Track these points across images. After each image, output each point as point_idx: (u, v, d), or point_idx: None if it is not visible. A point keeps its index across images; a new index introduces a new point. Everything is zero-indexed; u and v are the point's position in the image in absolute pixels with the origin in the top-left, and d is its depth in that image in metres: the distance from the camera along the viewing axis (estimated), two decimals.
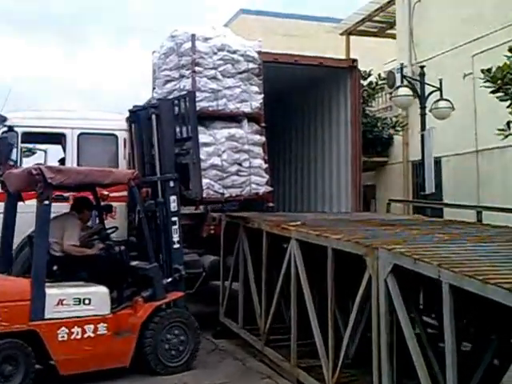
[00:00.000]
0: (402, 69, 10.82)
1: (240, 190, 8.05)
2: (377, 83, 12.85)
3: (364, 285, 4.75)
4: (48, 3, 53.33)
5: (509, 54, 6.71)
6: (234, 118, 8.15)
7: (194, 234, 8.73)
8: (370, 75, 12.68)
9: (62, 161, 8.67)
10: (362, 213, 8.95)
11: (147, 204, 7.36)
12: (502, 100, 6.50)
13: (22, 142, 8.43)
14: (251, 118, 8.23)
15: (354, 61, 9.51)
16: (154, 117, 7.50)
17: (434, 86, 10.50)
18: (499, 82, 6.38)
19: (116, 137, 8.72)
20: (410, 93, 10.41)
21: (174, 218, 7.30)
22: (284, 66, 8.94)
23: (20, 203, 7.15)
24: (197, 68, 7.83)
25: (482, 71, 6.71)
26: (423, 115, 10.46)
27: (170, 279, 7.05)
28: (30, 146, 9.64)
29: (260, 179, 8.20)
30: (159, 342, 6.72)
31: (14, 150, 8.20)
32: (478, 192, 10.99)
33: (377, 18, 15.23)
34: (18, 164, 8.20)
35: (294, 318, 6.11)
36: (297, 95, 10.43)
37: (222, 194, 7.92)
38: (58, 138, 8.68)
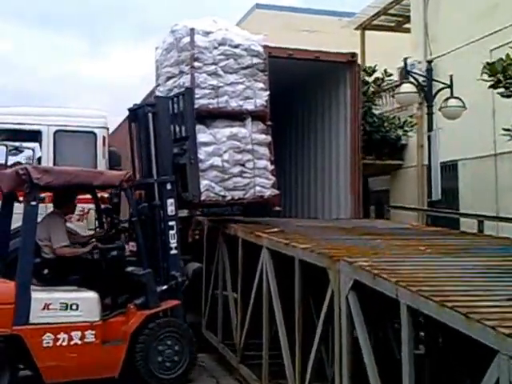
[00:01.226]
0: (405, 63, 10.31)
1: (243, 192, 7.73)
2: (383, 79, 12.33)
3: (327, 301, 4.38)
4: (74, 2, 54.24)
5: None
6: (237, 117, 7.84)
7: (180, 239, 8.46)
8: (375, 71, 12.20)
9: (39, 160, 8.54)
10: (359, 220, 8.56)
11: (140, 207, 7.15)
12: (503, 96, 6.03)
13: None
14: (256, 116, 7.90)
15: (354, 55, 9.15)
16: (150, 115, 7.30)
17: (444, 83, 10.00)
18: (499, 75, 5.89)
19: (95, 134, 8.51)
20: (414, 90, 9.90)
21: (172, 223, 7.11)
22: (278, 60, 8.56)
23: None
24: (196, 63, 7.55)
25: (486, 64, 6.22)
26: (430, 114, 10.01)
27: (165, 286, 6.83)
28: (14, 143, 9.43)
29: (265, 181, 7.85)
30: (151, 353, 6.51)
31: None
32: (496, 199, 10.44)
33: (392, 12, 14.74)
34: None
35: (266, 334, 5.78)
36: (294, 92, 10.11)
37: (224, 196, 7.61)
38: (34, 136, 8.50)
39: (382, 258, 4.30)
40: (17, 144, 8.80)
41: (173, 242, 7.07)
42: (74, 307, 6.30)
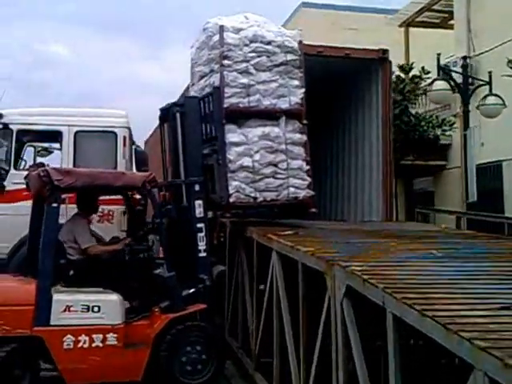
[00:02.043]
0: (438, 59, 9.87)
1: (276, 193, 7.48)
2: (420, 77, 11.88)
3: (325, 308, 4.19)
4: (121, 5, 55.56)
5: None
6: (270, 116, 7.61)
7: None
8: (411, 68, 11.78)
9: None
10: (389, 222, 8.24)
11: (165, 209, 7.13)
12: None
13: (17, 141, 8.33)
14: (290, 114, 7.64)
15: (385, 51, 8.80)
16: (178, 115, 7.24)
17: (482, 81, 9.54)
18: None
19: (115, 134, 8.42)
20: (447, 87, 9.45)
21: (200, 225, 7.00)
22: (309, 58, 8.23)
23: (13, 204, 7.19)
24: (225, 61, 7.38)
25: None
26: (466, 112, 9.55)
27: (192, 290, 6.74)
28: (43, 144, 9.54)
29: (300, 182, 7.58)
30: (175, 357, 6.40)
31: (5, 149, 8.13)
32: None
33: (437, 8, 14.25)
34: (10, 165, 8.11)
35: (277, 340, 5.58)
36: (326, 90, 9.81)
37: (255, 198, 7.39)
38: (54, 136, 8.52)
39: (380, 263, 4.09)
40: (45, 145, 8.84)
41: (201, 245, 6.96)
42: (96, 309, 6.28)
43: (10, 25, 56.51)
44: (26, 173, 8.01)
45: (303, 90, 7.67)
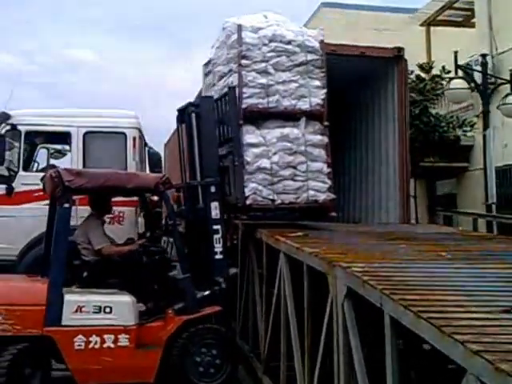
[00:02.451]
0: (456, 57, 9.64)
1: (295, 196, 7.34)
2: (440, 76, 11.64)
3: (328, 310, 4.10)
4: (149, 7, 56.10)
5: None
6: (290, 117, 7.46)
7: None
8: (431, 67, 11.54)
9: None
10: (405, 224, 8.08)
11: (178, 210, 7.09)
12: None
13: (26, 142, 8.29)
14: (311, 116, 7.48)
15: (400, 50, 8.63)
16: (193, 115, 7.20)
17: (503, 79, 9.31)
18: None
19: (125, 135, 8.33)
20: (466, 85, 9.22)
21: (216, 227, 6.95)
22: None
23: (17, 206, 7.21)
24: (243, 61, 7.26)
25: None
26: (486, 112, 9.30)
27: (207, 292, 6.70)
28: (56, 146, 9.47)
29: (320, 185, 7.43)
30: (188, 360, 6.37)
31: (16, 150, 8.11)
32: None
33: (459, 6, 13.98)
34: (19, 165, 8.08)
35: (284, 344, 5.49)
36: (340, 90, 9.66)
37: (273, 200, 7.27)
38: (63, 137, 8.46)
39: (383, 264, 4.00)
40: (59, 147, 8.82)
41: (217, 247, 6.90)
42: (108, 310, 6.28)
43: (37, 29, 57.60)
44: (35, 174, 8.17)
45: (325, 90, 7.51)
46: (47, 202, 7.00)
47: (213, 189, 7.01)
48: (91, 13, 54.44)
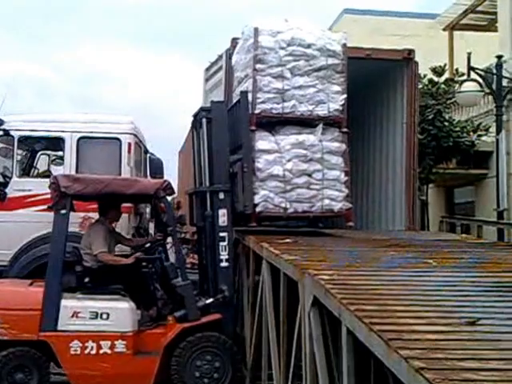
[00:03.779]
0: (469, 59, 9.18)
1: (309, 205, 6.99)
2: (453, 79, 11.20)
3: (298, 320, 3.85)
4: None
5: None
6: (307, 123, 7.15)
7: None
8: (444, 71, 11.14)
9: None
10: (409, 231, 7.75)
11: (178, 216, 6.94)
12: None
13: (19, 148, 8.20)
14: (329, 122, 7.16)
15: (410, 52, 8.26)
16: (204, 120, 7.02)
17: None
18: None
19: (119, 141, 8.12)
20: (477, 88, 8.78)
21: (223, 234, 6.76)
22: None
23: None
24: (258, 65, 6.97)
25: None
26: (499, 116, 8.85)
27: (210, 300, 6.54)
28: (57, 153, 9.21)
29: (336, 193, 7.07)
30: (187, 367, 6.23)
31: (10, 156, 8.02)
32: None
33: (482, 9, 13.48)
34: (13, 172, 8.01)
35: (265, 353, 5.22)
36: (350, 94, 9.39)
37: (285, 208, 6.94)
38: (57, 143, 8.29)
39: (354, 272, 3.73)
40: (60, 153, 8.71)
41: (223, 254, 6.71)
42: (105, 316, 6.22)
43: (63, 40, 58.79)
44: (29, 180, 8.17)
45: (344, 96, 7.17)
46: (40, 207, 6.93)
47: (221, 195, 6.82)
48: (118, 25, 55.33)
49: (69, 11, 58.40)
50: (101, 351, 6.11)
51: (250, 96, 6.93)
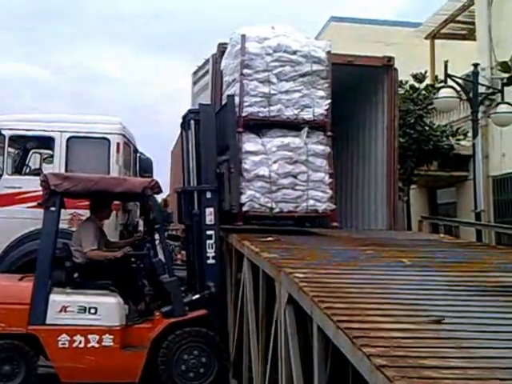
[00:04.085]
0: (446, 66, 9.25)
1: (294, 205, 6.99)
2: (433, 86, 11.27)
3: (275, 317, 3.82)
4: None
5: None
6: (293, 126, 7.17)
7: None
8: (425, 77, 11.20)
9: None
10: (389, 231, 7.75)
11: (165, 214, 6.89)
12: None
13: (10, 146, 8.17)
14: (314, 125, 7.18)
15: (390, 59, 8.32)
16: (192, 122, 7.02)
17: (493, 89, 8.93)
18: None
19: (108, 141, 8.10)
20: (454, 94, 8.85)
21: (210, 232, 6.76)
22: None
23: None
24: (245, 70, 6.98)
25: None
26: (475, 121, 8.93)
27: (196, 296, 6.52)
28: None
29: (321, 195, 7.06)
30: (173, 361, 6.21)
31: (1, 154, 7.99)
32: None
33: (462, 19, 13.61)
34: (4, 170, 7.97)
35: (246, 348, 5.19)
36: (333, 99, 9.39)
37: (271, 208, 6.93)
38: (47, 142, 8.25)
39: (329, 270, 3.69)
40: (51, 152, 8.65)
41: (210, 252, 6.70)
42: (93, 311, 6.19)
43: (61, 42, 58.69)
44: (19, 178, 8.13)
45: (329, 101, 7.19)
46: (30, 204, 6.89)
47: (208, 195, 6.82)
48: (116, 28, 55.22)
49: (68, 14, 58.31)
50: (88, 345, 6.08)
51: (237, 99, 6.92)
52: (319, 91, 7.20)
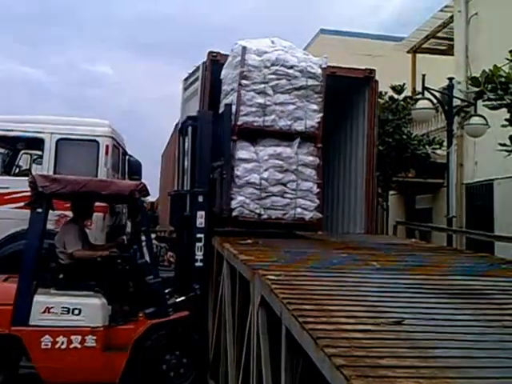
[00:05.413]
0: (423, 79, 9.45)
1: (282, 212, 7.07)
2: (411, 97, 11.45)
3: (249, 319, 3.83)
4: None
5: (510, 57, 5.42)
6: (285, 136, 7.24)
7: None
8: (403, 89, 11.37)
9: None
10: (366, 235, 7.82)
11: (152, 217, 6.87)
12: (489, 108, 5.23)
13: (1, 147, 8.13)
14: (306, 137, 7.25)
15: (371, 71, 8.42)
16: (190, 128, 7.08)
17: (467, 101, 9.09)
18: (486, 85, 5.12)
19: (97, 143, 8.05)
20: (430, 106, 9.01)
21: (199, 235, 6.77)
22: None
23: None
24: (243, 81, 7.06)
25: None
26: (449, 131, 9.08)
27: (182, 298, 6.49)
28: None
29: (308, 203, 7.16)
30: (154, 362, 6.14)
31: None
32: None
33: (442, 35, 13.84)
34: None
35: (224, 350, 5.16)
36: None
37: (260, 214, 7.00)
38: (37, 143, 8.16)
39: (301, 272, 3.72)
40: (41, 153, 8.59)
41: (199, 255, 6.71)
42: (76, 312, 6.07)
43: (59, 45, 58.47)
44: (7, 178, 8.04)
45: (321, 114, 7.30)
46: (17, 204, 6.82)
47: (200, 198, 6.85)
48: (112, 32, 55.09)
49: (65, 17, 58.09)
50: (71, 346, 5.97)
51: (233, 108, 7.03)
52: (312, 105, 7.34)
